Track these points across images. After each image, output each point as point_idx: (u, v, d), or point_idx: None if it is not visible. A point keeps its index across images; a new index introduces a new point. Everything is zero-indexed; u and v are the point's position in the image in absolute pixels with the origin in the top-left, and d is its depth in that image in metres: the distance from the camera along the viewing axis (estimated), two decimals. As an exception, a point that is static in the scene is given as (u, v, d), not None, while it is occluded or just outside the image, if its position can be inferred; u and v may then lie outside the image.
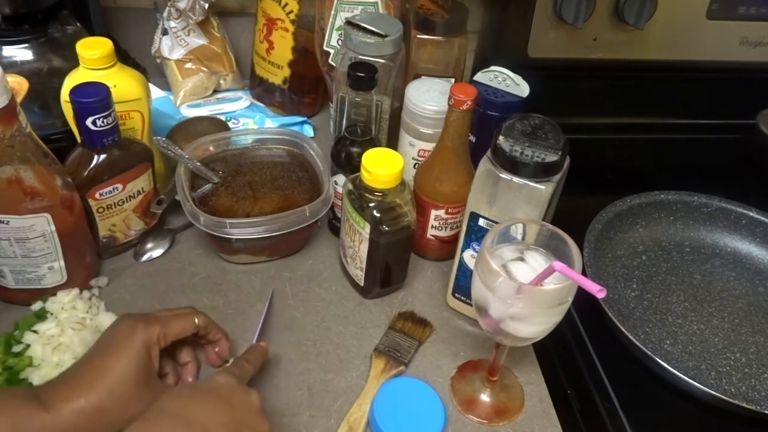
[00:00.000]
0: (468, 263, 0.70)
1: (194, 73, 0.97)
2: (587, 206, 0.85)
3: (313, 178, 0.80)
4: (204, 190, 0.77)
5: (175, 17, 0.97)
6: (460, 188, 0.71)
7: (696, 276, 0.83)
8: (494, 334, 0.59)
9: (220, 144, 0.82)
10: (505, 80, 0.78)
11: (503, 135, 0.61)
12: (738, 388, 0.69)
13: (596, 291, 0.50)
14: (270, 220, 0.72)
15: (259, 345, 0.64)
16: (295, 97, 0.99)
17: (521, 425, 0.65)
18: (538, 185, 0.60)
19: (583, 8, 0.91)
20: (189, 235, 0.80)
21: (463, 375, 0.69)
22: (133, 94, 0.72)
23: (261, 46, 0.96)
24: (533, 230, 0.58)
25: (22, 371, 0.61)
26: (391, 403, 0.62)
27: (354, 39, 0.78)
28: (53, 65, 0.81)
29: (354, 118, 0.74)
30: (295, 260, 0.79)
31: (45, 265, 0.67)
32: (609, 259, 0.82)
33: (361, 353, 0.70)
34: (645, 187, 0.88)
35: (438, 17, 0.85)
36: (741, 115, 1.06)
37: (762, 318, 0.78)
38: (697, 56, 1.02)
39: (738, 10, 0.98)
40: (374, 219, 0.68)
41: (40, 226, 0.64)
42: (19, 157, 0.60)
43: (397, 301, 0.76)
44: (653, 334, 0.74)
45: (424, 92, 0.77)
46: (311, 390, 0.66)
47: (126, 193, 0.72)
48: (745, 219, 0.86)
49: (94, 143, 0.66)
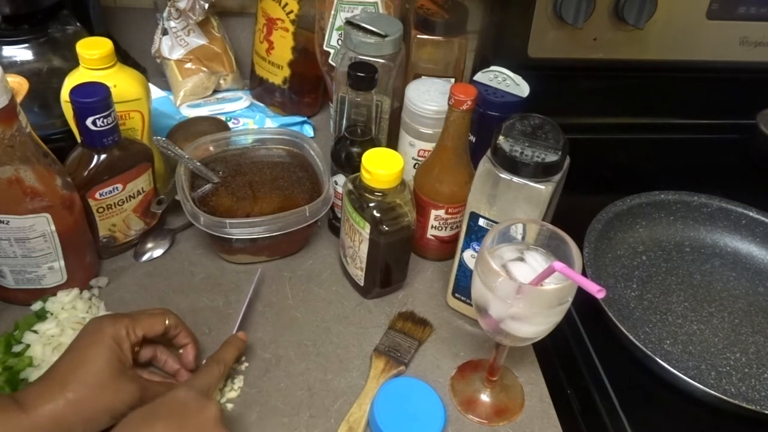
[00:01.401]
0: (468, 263, 0.70)
1: (194, 73, 0.97)
2: (587, 206, 0.85)
3: (313, 178, 0.80)
4: (204, 190, 0.77)
5: (175, 17, 0.97)
6: (460, 188, 0.71)
7: (696, 276, 0.83)
8: (494, 334, 0.59)
9: (220, 144, 0.82)
10: (505, 80, 0.78)
11: (503, 135, 0.61)
12: (738, 388, 0.69)
13: (596, 291, 0.50)
14: (270, 220, 0.72)
15: (235, 337, 0.64)
16: (295, 97, 0.99)
17: (521, 425, 0.65)
18: (538, 185, 0.60)
19: (583, 8, 0.91)
20: (189, 235, 0.80)
21: (463, 375, 0.69)
22: (133, 94, 0.72)
23: (261, 46, 0.96)
24: (533, 230, 0.58)
25: (22, 371, 0.61)
26: (391, 403, 0.62)
27: (354, 39, 0.78)
28: (53, 65, 0.81)
29: (354, 118, 0.74)
30: (295, 260, 0.79)
31: (45, 265, 0.67)
32: (609, 259, 0.82)
33: (361, 353, 0.70)
34: (645, 187, 0.88)
35: (438, 17, 0.85)
36: (741, 115, 1.06)
37: (762, 318, 0.78)
38: (697, 56, 1.02)
39: (738, 10, 0.98)
40: (374, 219, 0.68)
41: (40, 226, 0.64)
42: (19, 157, 0.60)
43: (397, 301, 0.76)
44: (653, 334, 0.74)
45: (424, 92, 0.77)
46: (311, 390, 0.66)
47: (126, 193, 0.72)
48: (745, 219, 0.86)
49: (94, 143, 0.66)
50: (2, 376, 0.60)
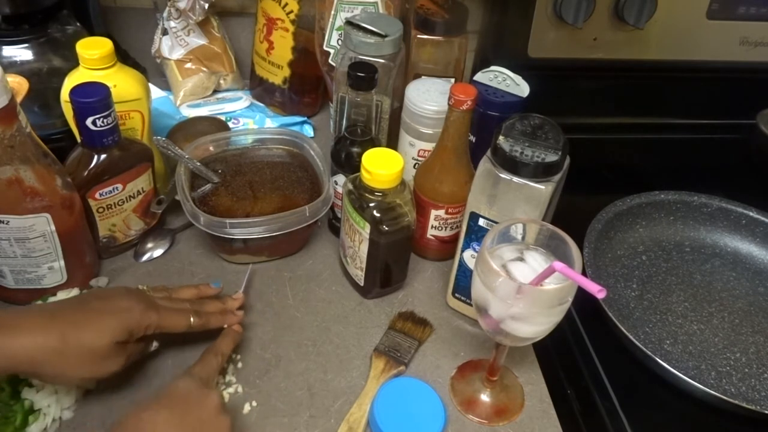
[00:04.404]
0: (468, 263, 0.70)
1: (194, 73, 0.97)
2: (587, 206, 0.85)
3: (313, 178, 0.80)
4: (204, 190, 0.77)
5: (175, 17, 0.97)
6: (460, 188, 0.71)
7: (696, 276, 0.83)
8: (494, 334, 0.59)
9: (220, 144, 0.82)
10: (505, 80, 0.78)
11: (503, 135, 0.61)
12: (738, 388, 0.69)
13: (596, 291, 0.50)
14: (270, 220, 0.72)
15: (231, 329, 0.65)
16: (295, 97, 0.99)
17: (521, 425, 0.65)
18: (538, 185, 0.60)
19: (583, 8, 0.91)
20: (189, 235, 0.80)
21: (463, 375, 0.69)
22: (133, 94, 0.72)
23: (261, 46, 0.96)
24: (533, 230, 0.58)
25: (22, 371, 0.61)
26: (391, 403, 0.62)
27: (354, 39, 0.78)
28: (53, 65, 0.81)
29: (354, 118, 0.74)
30: (295, 260, 0.79)
31: (45, 265, 0.67)
32: (609, 259, 0.82)
33: (361, 353, 0.70)
34: (645, 187, 0.88)
35: (438, 17, 0.85)
36: (741, 115, 1.06)
37: (762, 318, 0.78)
38: (697, 56, 1.02)
39: (738, 10, 0.98)
40: (374, 219, 0.68)
41: (40, 226, 0.64)
42: (19, 157, 0.60)
43: (397, 301, 0.76)
44: (653, 334, 0.74)
45: (424, 92, 0.77)
46: (311, 390, 0.66)
47: (126, 193, 0.72)
48: (745, 219, 0.86)
49: (94, 143, 0.66)
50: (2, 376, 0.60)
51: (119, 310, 0.57)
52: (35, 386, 0.60)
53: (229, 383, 0.65)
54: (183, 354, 0.67)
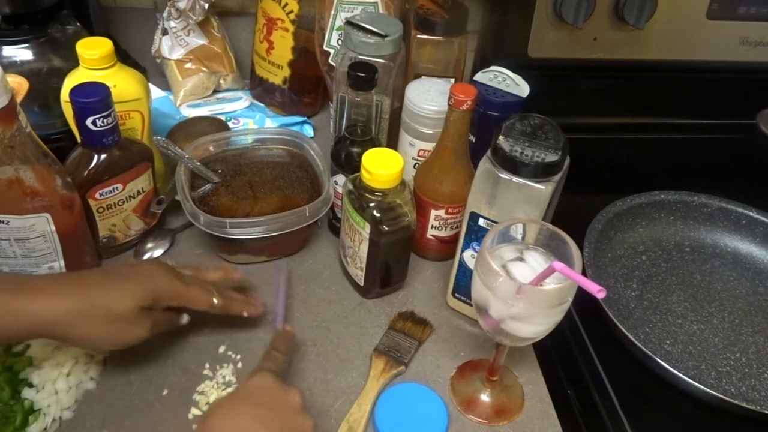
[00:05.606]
0: (468, 263, 0.70)
1: (194, 73, 0.97)
2: (587, 206, 0.85)
3: (313, 178, 0.80)
4: (204, 190, 0.77)
5: (175, 17, 0.97)
6: (460, 188, 0.71)
7: (696, 276, 0.83)
8: (494, 334, 0.59)
9: (220, 144, 0.82)
10: (505, 80, 0.78)
11: (503, 135, 0.61)
12: (738, 388, 0.69)
13: (596, 291, 0.50)
14: (270, 220, 0.72)
15: (285, 331, 0.64)
16: (295, 97, 0.99)
17: (521, 425, 0.65)
18: (538, 185, 0.60)
19: (583, 8, 0.91)
20: (189, 235, 0.80)
21: (463, 375, 0.69)
22: (133, 94, 0.72)
23: (261, 46, 0.96)
24: (533, 230, 0.58)
25: (22, 371, 0.61)
26: (393, 409, 0.62)
27: (354, 39, 0.78)
28: (53, 65, 0.81)
29: (354, 118, 0.74)
30: (295, 260, 0.79)
31: (45, 265, 0.67)
32: (609, 259, 0.82)
33: (361, 353, 0.70)
34: (645, 187, 0.88)
35: (438, 17, 0.85)
36: (741, 115, 1.06)
37: (762, 318, 0.78)
38: (697, 56, 1.02)
39: (738, 10, 0.98)
40: (374, 219, 0.68)
41: (40, 226, 0.64)
42: (19, 157, 0.60)
43: (397, 301, 0.76)
44: (653, 334, 0.74)
45: (424, 92, 0.77)
46: (311, 390, 0.66)
47: (126, 193, 0.72)
48: (745, 219, 0.86)
49: (94, 143, 0.66)
50: (2, 376, 0.60)
51: (145, 276, 0.58)
52: (35, 386, 0.60)
53: (229, 383, 0.65)
54: (183, 354, 0.67)
